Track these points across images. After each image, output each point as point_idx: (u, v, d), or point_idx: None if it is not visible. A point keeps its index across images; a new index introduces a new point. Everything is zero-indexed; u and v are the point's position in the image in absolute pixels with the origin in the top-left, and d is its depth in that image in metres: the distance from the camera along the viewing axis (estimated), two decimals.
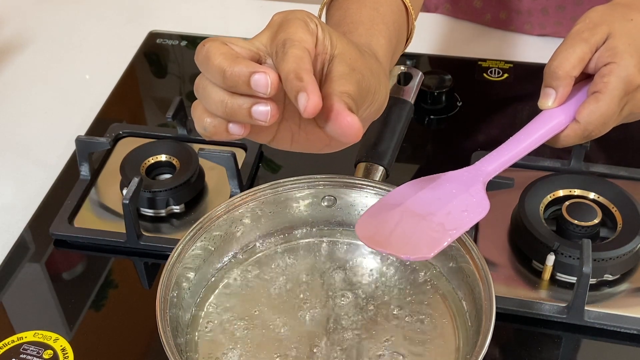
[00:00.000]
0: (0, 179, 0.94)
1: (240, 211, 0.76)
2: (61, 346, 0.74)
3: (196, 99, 0.57)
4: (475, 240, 0.80)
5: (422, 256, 0.63)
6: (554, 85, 0.67)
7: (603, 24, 0.66)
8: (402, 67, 0.86)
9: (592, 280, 0.75)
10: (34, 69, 1.12)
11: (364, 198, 0.77)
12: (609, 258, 0.75)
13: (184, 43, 1.14)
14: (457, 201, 0.65)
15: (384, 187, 0.76)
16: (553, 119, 0.68)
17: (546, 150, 0.93)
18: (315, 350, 0.70)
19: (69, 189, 0.88)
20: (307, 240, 0.79)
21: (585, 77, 0.69)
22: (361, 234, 0.65)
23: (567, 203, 0.79)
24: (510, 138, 0.69)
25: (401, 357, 0.69)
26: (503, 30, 1.13)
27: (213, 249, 0.75)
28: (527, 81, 1.04)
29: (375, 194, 0.77)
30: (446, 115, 0.99)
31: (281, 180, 0.77)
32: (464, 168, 0.68)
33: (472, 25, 1.15)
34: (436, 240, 0.63)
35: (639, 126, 0.97)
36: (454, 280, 0.73)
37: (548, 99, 0.68)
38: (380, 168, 0.78)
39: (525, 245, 0.78)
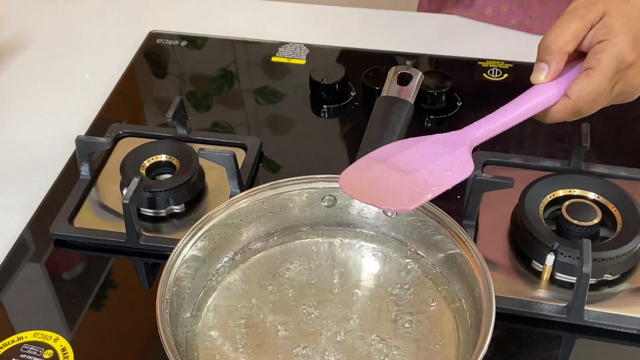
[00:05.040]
0: (0, 179, 0.94)
1: (240, 211, 0.76)
2: (61, 346, 0.74)
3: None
4: (475, 240, 0.80)
5: (403, 207, 0.64)
6: (547, 59, 0.68)
7: (599, 2, 0.67)
8: (402, 67, 0.86)
9: (592, 280, 0.75)
10: (34, 69, 1.12)
11: None
12: (608, 258, 0.75)
13: (184, 43, 1.14)
14: (441, 161, 0.66)
15: None
16: (544, 93, 0.69)
17: (546, 150, 0.93)
18: (314, 350, 0.70)
19: (69, 189, 0.88)
20: (307, 240, 0.79)
21: (580, 56, 0.69)
22: (344, 184, 0.65)
23: (567, 203, 0.79)
24: (500, 108, 0.69)
25: (401, 356, 0.69)
26: (503, 30, 1.13)
27: (213, 249, 0.75)
28: (527, 81, 1.03)
29: None
30: (446, 115, 0.99)
31: (281, 180, 0.77)
32: (452, 132, 0.69)
33: (472, 25, 1.15)
34: (418, 194, 0.63)
35: (639, 126, 0.97)
36: (454, 280, 0.73)
37: (541, 73, 0.68)
38: None
39: (525, 245, 0.78)
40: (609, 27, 0.66)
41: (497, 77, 1.04)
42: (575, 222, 0.77)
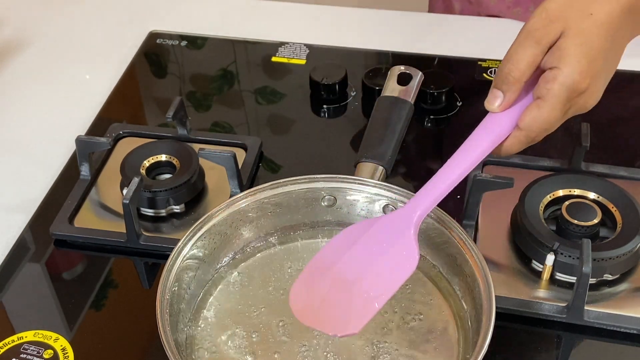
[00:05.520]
0: (0, 179, 0.94)
1: (240, 211, 0.76)
2: (61, 346, 0.74)
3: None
4: (475, 240, 0.80)
5: (350, 332, 0.64)
6: (503, 89, 0.66)
7: (558, 21, 0.64)
8: (402, 67, 0.86)
9: (592, 280, 0.75)
10: (34, 69, 1.12)
11: (364, 198, 0.77)
12: (608, 258, 0.75)
13: (184, 43, 1.14)
14: (386, 258, 0.66)
15: (383, 187, 0.76)
16: (495, 130, 0.67)
17: (546, 150, 0.93)
18: (314, 350, 0.70)
19: (69, 189, 0.88)
20: (307, 240, 0.79)
21: (538, 74, 0.67)
22: (294, 307, 0.66)
23: (566, 203, 0.79)
24: (449, 160, 0.68)
25: (401, 357, 0.69)
26: (504, 29, 1.13)
27: (213, 249, 0.75)
28: None
29: (375, 194, 0.77)
30: (446, 115, 0.99)
31: (281, 180, 0.77)
32: (397, 211, 0.69)
33: (472, 24, 1.15)
34: (364, 312, 0.64)
35: (639, 126, 0.97)
36: (454, 280, 0.73)
37: (495, 102, 0.67)
38: (380, 168, 0.78)
39: (525, 245, 0.78)
40: (563, 50, 0.64)
41: None
42: (575, 222, 0.77)
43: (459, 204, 0.85)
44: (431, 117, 0.99)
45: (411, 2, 1.10)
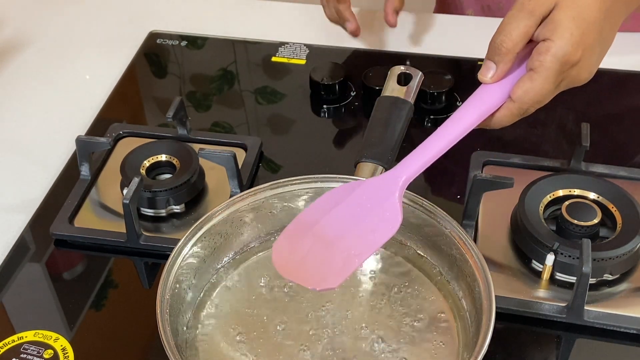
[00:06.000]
0: (0, 179, 0.94)
1: (240, 211, 0.76)
2: (61, 346, 0.74)
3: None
4: (475, 240, 0.80)
5: (328, 287, 0.65)
6: (496, 60, 0.67)
7: None
8: (402, 67, 0.86)
9: (592, 280, 0.75)
10: (34, 69, 1.12)
11: None
12: (608, 258, 0.75)
13: (184, 43, 1.14)
14: (369, 219, 0.66)
15: None
16: (488, 100, 0.68)
17: (546, 150, 0.93)
18: (314, 350, 0.70)
19: (69, 189, 0.88)
20: None
21: (532, 46, 0.67)
22: (276, 261, 0.67)
23: (566, 203, 0.79)
24: (439, 128, 0.68)
25: (401, 356, 0.69)
26: None
27: (213, 249, 0.75)
28: None
29: None
30: (446, 115, 0.99)
31: (281, 180, 0.77)
32: (383, 174, 0.69)
33: (472, 24, 1.15)
34: (343, 268, 0.64)
35: (639, 126, 0.97)
36: (454, 280, 0.73)
37: (488, 73, 0.68)
38: (380, 168, 0.78)
39: (525, 245, 0.78)
40: (556, 22, 0.64)
41: None
42: (575, 222, 0.77)
43: (459, 204, 0.85)
44: (431, 117, 0.99)
45: (411, 2, 1.10)
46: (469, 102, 0.69)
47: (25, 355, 0.73)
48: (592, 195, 0.81)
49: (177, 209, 0.86)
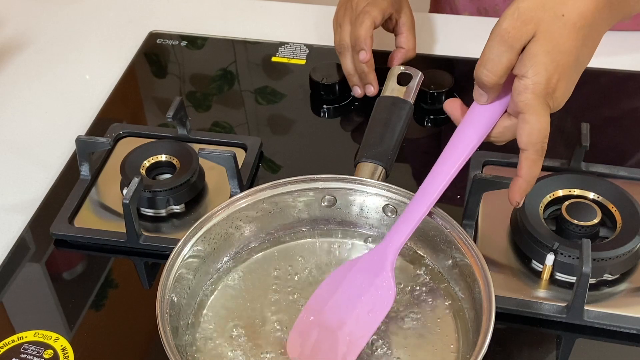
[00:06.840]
0: (0, 179, 0.94)
1: (240, 211, 0.76)
2: (61, 346, 0.74)
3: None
4: (475, 240, 0.80)
5: None
6: (485, 90, 0.68)
7: (531, 22, 0.64)
8: (402, 67, 0.86)
9: (592, 280, 0.75)
10: (34, 69, 1.12)
11: (363, 198, 0.77)
12: (608, 258, 0.75)
13: (184, 43, 1.14)
14: (365, 300, 0.69)
15: (383, 187, 0.76)
16: (470, 143, 0.70)
17: (546, 150, 0.93)
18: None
19: (69, 189, 0.88)
20: (307, 240, 0.79)
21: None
22: (291, 355, 0.69)
23: (566, 203, 0.79)
24: (422, 185, 0.70)
25: (401, 357, 0.69)
26: None
27: (213, 249, 0.75)
28: None
29: (375, 194, 0.77)
30: (446, 115, 0.99)
31: (281, 180, 0.77)
32: (374, 250, 0.71)
33: (472, 24, 1.15)
34: (348, 353, 0.68)
35: (639, 126, 0.97)
36: (454, 280, 0.73)
37: (481, 99, 0.70)
38: (380, 168, 0.78)
39: (525, 245, 0.78)
40: (532, 57, 0.64)
41: None
42: (575, 222, 0.77)
43: (459, 204, 0.85)
44: (431, 117, 0.99)
45: (411, 3, 1.10)
46: (446, 154, 0.71)
47: (25, 355, 0.73)
48: (592, 195, 0.81)
49: (177, 209, 0.86)
